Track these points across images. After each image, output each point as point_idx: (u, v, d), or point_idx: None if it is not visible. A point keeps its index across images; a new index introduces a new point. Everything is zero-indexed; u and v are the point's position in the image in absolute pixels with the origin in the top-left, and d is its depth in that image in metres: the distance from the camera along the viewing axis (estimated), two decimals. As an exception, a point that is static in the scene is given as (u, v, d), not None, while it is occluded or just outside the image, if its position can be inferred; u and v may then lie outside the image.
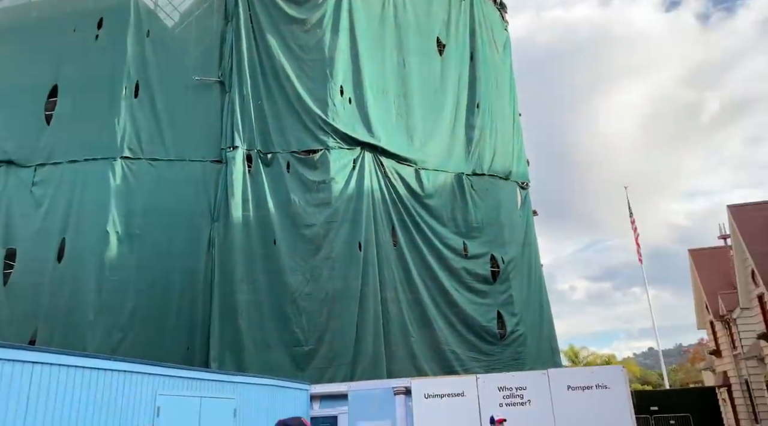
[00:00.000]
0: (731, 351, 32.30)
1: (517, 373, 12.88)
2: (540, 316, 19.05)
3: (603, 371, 12.06)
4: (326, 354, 15.10)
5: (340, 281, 15.68)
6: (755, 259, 26.58)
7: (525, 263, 19.24)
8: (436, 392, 12.68)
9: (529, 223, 20.38)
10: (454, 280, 17.31)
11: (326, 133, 17.03)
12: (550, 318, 19.81)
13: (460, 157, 19.01)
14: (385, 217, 17.11)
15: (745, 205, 28.67)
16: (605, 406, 11.74)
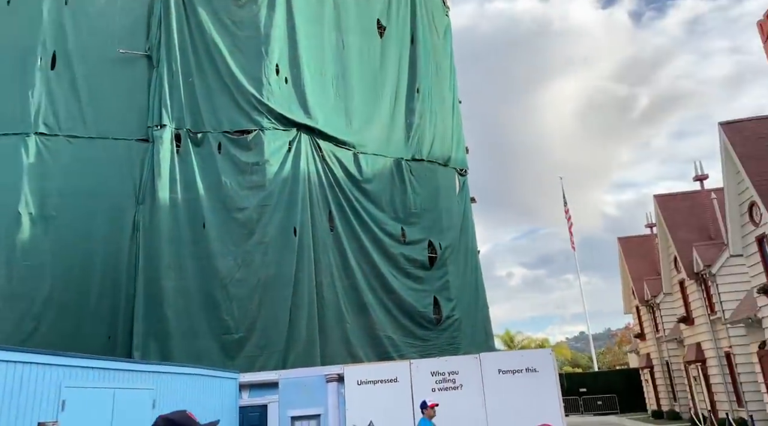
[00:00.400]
0: (654, 334, 34.05)
1: (450, 357, 12.90)
2: (475, 301, 19.25)
3: (532, 355, 12.24)
4: (257, 342, 14.63)
5: (274, 267, 15.19)
6: (677, 246, 27.97)
7: (462, 249, 19.36)
8: (369, 379, 12.51)
9: (467, 210, 20.51)
10: (392, 265, 17.17)
11: (260, 113, 16.38)
12: (485, 303, 20.08)
13: (400, 142, 18.82)
14: (322, 202, 16.71)
15: (670, 195, 30.10)
16: (534, 388, 11.92)
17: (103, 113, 16.28)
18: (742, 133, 21.09)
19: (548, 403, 11.72)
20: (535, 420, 12.32)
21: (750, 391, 23.26)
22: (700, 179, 28.50)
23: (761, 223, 19.83)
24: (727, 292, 24.44)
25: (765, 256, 19.85)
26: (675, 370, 32.06)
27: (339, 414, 12.33)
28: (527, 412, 11.76)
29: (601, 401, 40.75)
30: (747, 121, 21.38)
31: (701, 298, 26.35)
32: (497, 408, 11.90)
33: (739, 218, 21.42)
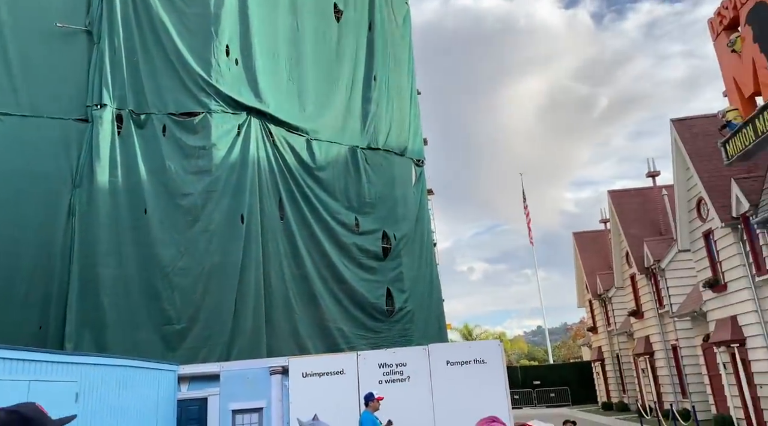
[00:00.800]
0: (606, 328, 34.78)
1: (398, 349, 12.62)
2: (429, 293, 19.06)
3: (481, 346, 12.07)
4: (201, 332, 14.02)
5: (219, 255, 14.58)
6: (629, 241, 28.52)
7: (417, 240, 19.12)
8: (314, 371, 12.11)
9: (423, 201, 20.28)
10: (344, 256, 16.77)
11: (208, 95, 15.66)
12: (440, 295, 19.92)
13: (355, 129, 18.39)
14: (272, 189, 16.14)
15: (623, 191, 30.69)
16: (483, 380, 11.75)
17: (39, 91, 15.27)
18: (692, 130, 21.53)
19: (496, 395, 11.57)
20: (482, 412, 12.17)
21: (694, 383, 23.93)
22: (652, 176, 29.12)
23: (708, 219, 20.29)
24: (675, 287, 25.05)
25: (711, 251, 20.34)
26: (625, 363, 32.83)
27: (282, 407, 11.89)
28: (475, 404, 11.58)
29: (554, 393, 41.49)
30: (697, 119, 21.84)
31: (651, 292, 26.96)
32: (445, 400, 11.68)
33: (687, 214, 21.89)
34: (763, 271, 17.30)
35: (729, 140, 16.13)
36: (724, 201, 19.07)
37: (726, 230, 18.90)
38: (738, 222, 18.38)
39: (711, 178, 19.98)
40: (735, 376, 18.75)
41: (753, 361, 17.96)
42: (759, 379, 17.73)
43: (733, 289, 18.85)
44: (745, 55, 15.61)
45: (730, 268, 18.85)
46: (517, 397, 41.98)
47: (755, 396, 17.93)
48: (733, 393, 19.08)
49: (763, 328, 17.45)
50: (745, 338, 18.31)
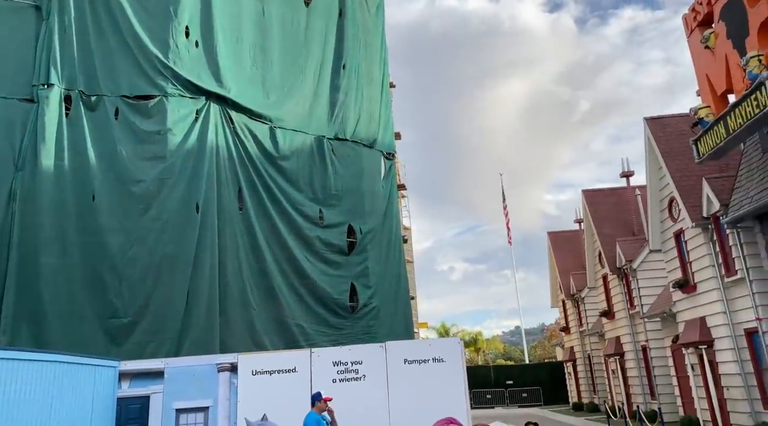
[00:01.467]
0: (578, 328, 34.67)
1: (354, 346, 12.04)
2: (397, 289, 18.52)
3: (440, 344, 11.56)
4: (149, 326, 13.26)
5: (172, 245, 13.83)
6: (602, 241, 28.35)
7: (385, 235, 18.56)
8: (265, 368, 11.47)
9: (392, 195, 19.72)
10: (307, 249, 16.14)
11: (165, 78, 14.88)
12: (407, 292, 19.40)
13: (322, 118, 17.73)
14: (231, 178, 15.43)
15: (597, 190, 30.54)
16: (441, 379, 11.24)
17: (-19, 68, 14.34)
18: (666, 129, 21.34)
19: (454, 395, 11.07)
20: (440, 412, 11.71)
21: (663, 384, 23.81)
22: (626, 175, 28.99)
23: (679, 219, 20.10)
24: (646, 287, 24.90)
25: (682, 251, 20.15)
26: (596, 364, 32.73)
27: (230, 406, 11.23)
28: (432, 404, 11.06)
29: (526, 393, 41.34)
30: (671, 118, 21.66)
31: (622, 292, 26.81)
32: (401, 400, 11.14)
33: (659, 214, 21.70)
34: (732, 272, 17.11)
35: (701, 138, 15.88)
36: (695, 201, 18.88)
37: (696, 230, 18.70)
38: (708, 222, 18.19)
39: (683, 178, 19.79)
40: (702, 377, 18.57)
41: (720, 363, 17.78)
42: (726, 381, 17.55)
43: (702, 290, 18.67)
44: (718, 51, 15.35)
45: (700, 269, 18.66)
46: (490, 396, 41.78)
47: (722, 398, 17.76)
48: (701, 395, 18.91)
49: (731, 330, 17.27)
50: (713, 339, 18.12)
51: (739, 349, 17.03)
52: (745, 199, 15.95)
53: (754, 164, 16.23)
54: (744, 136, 14.70)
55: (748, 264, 16.36)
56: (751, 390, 16.55)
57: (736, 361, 16.96)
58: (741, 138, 14.73)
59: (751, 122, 13.46)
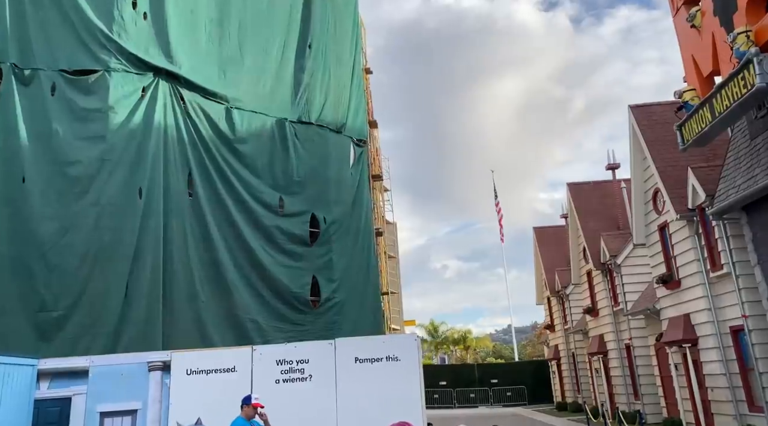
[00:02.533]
0: (563, 325, 33.73)
1: (301, 343, 10.96)
2: (365, 283, 17.45)
3: (395, 341, 10.50)
4: (82, 320, 12.13)
5: (110, 233, 12.68)
6: (586, 236, 27.40)
7: (352, 226, 17.47)
8: (201, 367, 10.39)
9: (363, 184, 18.62)
10: (264, 239, 15.03)
11: (108, 52, 13.69)
12: (377, 286, 18.35)
13: (285, 100, 16.57)
14: (181, 161, 14.27)
15: (582, 183, 29.55)
16: (395, 379, 10.20)
17: None
18: (651, 117, 20.36)
19: (409, 397, 10.03)
20: (393, 416, 10.66)
21: (646, 384, 22.89)
22: (612, 168, 28.03)
23: (664, 211, 19.14)
24: (630, 283, 23.97)
25: (666, 245, 19.20)
26: (580, 362, 31.81)
27: (161, 409, 10.14)
28: (384, 406, 10.02)
29: (510, 392, 40.38)
30: (656, 106, 20.67)
31: (606, 289, 25.87)
32: (351, 402, 10.10)
33: (643, 206, 20.75)
34: (717, 267, 16.16)
35: (685, 123, 14.88)
36: (681, 192, 17.92)
37: (681, 223, 17.75)
38: (694, 214, 17.23)
39: (668, 168, 18.83)
40: (686, 377, 17.64)
41: (705, 363, 16.85)
42: (710, 381, 16.61)
43: (686, 286, 17.72)
44: (704, 29, 14.34)
45: (685, 264, 17.72)
46: (473, 395, 40.81)
47: (706, 399, 16.83)
48: (684, 396, 17.98)
49: (715, 328, 16.32)
50: (697, 338, 17.18)
51: (725, 348, 16.09)
52: (731, 188, 14.99)
53: (741, 152, 15.25)
54: (731, 120, 13.71)
55: (735, 258, 15.41)
56: (737, 391, 15.64)
57: (721, 361, 16.02)
58: (727, 122, 13.74)
59: (738, 104, 12.46)
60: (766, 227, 14.05)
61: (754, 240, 14.54)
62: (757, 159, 14.29)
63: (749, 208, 14.69)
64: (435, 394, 40.83)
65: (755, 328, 14.79)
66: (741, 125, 15.64)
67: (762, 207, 14.12)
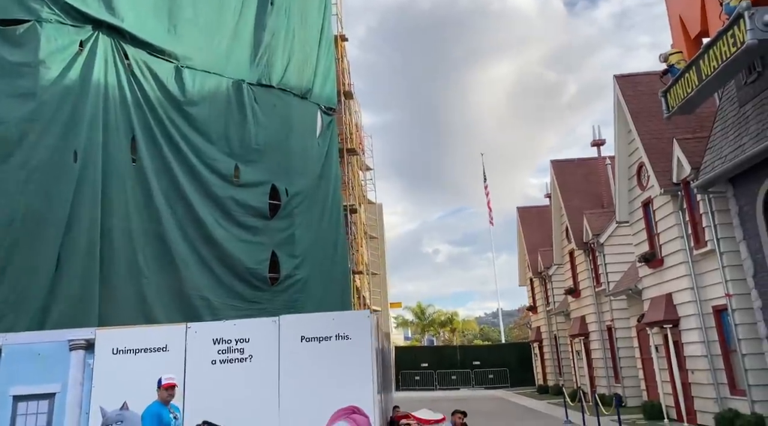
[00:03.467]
0: (545, 307, 33.02)
1: (241, 320, 9.94)
2: (332, 261, 16.42)
3: (346, 318, 9.49)
4: (6, 296, 10.99)
5: (39, 200, 11.49)
6: (569, 214, 26.51)
7: (319, 199, 16.38)
8: (129, 346, 9.34)
9: (331, 155, 17.50)
10: (218, 211, 13.90)
11: (40, 1, 12.35)
12: (346, 264, 17.35)
13: (243, 60, 15.29)
14: (123, 124, 13.04)
15: (566, 161, 28.59)
16: (345, 360, 9.22)
17: None
18: (637, 88, 19.32)
19: (360, 379, 9.06)
20: (342, 400, 9.79)
21: (627, 367, 22.21)
22: (597, 144, 27.05)
23: (648, 187, 18.22)
24: (613, 263, 23.16)
25: (650, 222, 18.33)
26: (562, 345, 31.15)
27: (82, 393, 9.10)
28: (332, 390, 9.08)
29: (492, 375, 39.81)
30: (643, 76, 19.64)
31: (588, 269, 25.07)
32: (295, 385, 9.12)
33: (627, 182, 19.82)
34: (701, 244, 15.30)
35: (670, 88, 13.86)
36: (666, 165, 16.99)
37: (665, 198, 16.85)
38: (678, 189, 16.34)
39: (653, 140, 17.87)
40: (666, 359, 16.88)
41: (686, 344, 16.08)
42: (691, 363, 15.85)
43: (669, 264, 16.89)
44: (693, -15, 13.26)
45: (668, 241, 16.87)
46: (455, 378, 40.21)
47: (686, 382, 16.10)
48: (664, 378, 17.24)
49: (698, 308, 15.52)
50: (678, 318, 16.39)
51: (707, 329, 15.31)
52: (717, 159, 14.06)
53: (729, 121, 14.29)
54: (719, 84, 12.71)
55: (719, 234, 14.55)
56: (718, 373, 14.89)
57: (702, 342, 15.26)
58: (715, 86, 12.74)
59: (727, 64, 11.43)
60: (754, 200, 13.16)
61: (740, 214, 13.65)
62: (745, 127, 13.34)
63: (736, 181, 13.78)
64: (416, 376, 40.24)
65: (739, 307, 13.99)
66: (729, 93, 14.67)
67: (749, 179, 13.21)
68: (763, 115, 12.62)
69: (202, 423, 9.14)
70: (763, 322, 12.74)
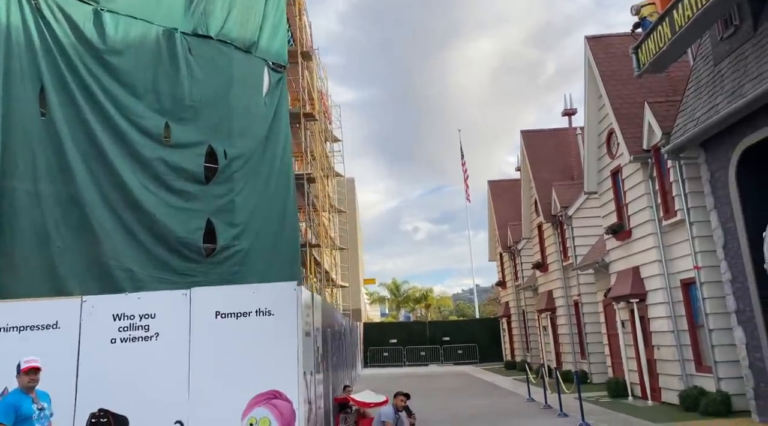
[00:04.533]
0: (514, 282, 32.35)
1: (146, 293, 8.66)
2: (278, 232, 15.16)
3: (268, 291, 8.27)
4: None
5: (-77, 156, 9.99)
6: (538, 186, 25.59)
7: (265, 163, 15.03)
8: (12, 323, 8.05)
9: (280, 117, 16.09)
10: (144, 174, 12.47)
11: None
12: (296, 236, 16.12)
13: (175, 6, 13.65)
14: (30, 72, 11.46)
15: (536, 131, 27.54)
16: (266, 338, 8.05)
17: None
18: (609, 49, 18.18)
19: (284, 360, 7.92)
20: (261, 384, 8.68)
21: (593, 343, 21.59)
22: (568, 114, 26.02)
23: (617, 155, 17.26)
24: (581, 237, 22.36)
25: (618, 192, 17.43)
26: (530, 320, 30.56)
27: (-44, 378, 7.76)
28: (251, 373, 7.95)
29: (461, 350, 39.28)
30: (615, 37, 18.50)
31: (556, 242, 24.27)
32: (208, 368, 7.95)
33: (596, 151, 18.85)
34: (671, 214, 14.43)
35: (642, 43, 12.78)
36: (636, 131, 16.01)
37: (635, 166, 15.93)
38: (648, 156, 15.40)
39: (624, 105, 16.85)
40: (632, 335, 16.15)
41: (652, 319, 15.34)
42: (657, 339, 15.13)
43: (637, 236, 16.04)
44: (669, -72, 12.07)
45: (637, 212, 16.00)
46: (424, 353, 39.60)
47: (651, 358, 15.39)
48: (629, 354, 16.54)
49: (665, 281, 14.73)
50: (645, 292, 15.62)
51: (674, 304, 14.55)
52: (689, 121, 13.07)
53: (703, 81, 13.27)
54: (693, 37, 11.64)
55: (690, 203, 13.68)
56: (684, 349, 14.18)
57: (669, 317, 14.51)
58: (688, 40, 11.67)
59: (702, 11, 10.36)
60: (726, 166, 12.23)
61: (711, 181, 12.74)
62: (720, 86, 12.33)
63: (708, 145, 12.84)
64: (384, 353, 39.55)
65: (707, 280, 13.19)
66: (704, 50, 13.63)
67: (722, 142, 12.26)
68: (738, 72, 11.62)
69: (98, 411, 7.96)
70: (731, 296, 11.94)
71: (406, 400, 9.32)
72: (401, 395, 9.21)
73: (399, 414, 9.03)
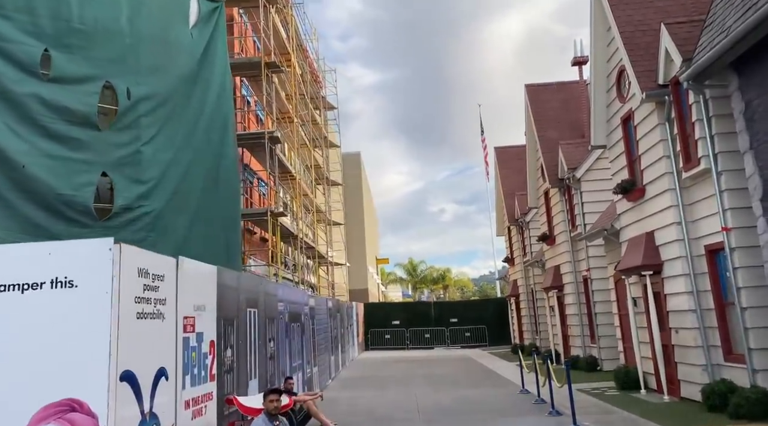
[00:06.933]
0: (522, 258, 29.27)
1: None
2: (210, 191, 12.52)
3: (68, 254, 5.54)
4: None
5: None
6: (544, 147, 22.37)
7: (189, 109, 12.34)
8: None
9: (214, 54, 13.33)
10: (11, 113, 9.94)
11: None
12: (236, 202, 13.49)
13: None
14: None
15: (543, 85, 24.10)
16: (65, 323, 5.40)
17: None
18: (619, -33, 14.91)
19: (89, 352, 5.27)
20: (53, 391, 6.00)
21: (604, 325, 18.58)
22: (578, 63, 22.57)
23: (628, 97, 14.07)
24: (591, 202, 19.20)
25: (630, 142, 14.26)
26: (539, 299, 27.51)
27: None
28: (39, 374, 5.32)
29: (469, 333, 36.44)
30: (627, -47, 15.16)
31: (564, 210, 21.14)
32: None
33: (605, 96, 15.64)
34: (693, 163, 11.29)
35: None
36: (650, 64, 12.79)
37: (649, 106, 12.75)
38: (666, 92, 12.19)
39: (636, 33, 13.59)
40: (646, 315, 13.13)
41: (669, 296, 12.29)
42: (675, 320, 12.10)
43: (651, 194, 12.93)
44: None
45: (651, 164, 12.87)
46: (428, 336, 36.93)
47: (669, 344, 12.38)
48: (643, 338, 13.56)
49: (686, 248, 11.64)
50: (661, 263, 12.55)
51: (696, 276, 11.47)
52: (719, 34, 9.83)
53: (737, -18, 9.96)
54: None
55: (717, 148, 10.53)
56: (709, 333, 11.16)
57: (690, 293, 11.46)
58: None
59: None
60: (766, 92, 9.05)
61: (746, 113, 9.54)
62: (761, -18, 9.08)
63: (742, 66, 9.61)
64: (387, 335, 37.02)
65: (739, 245, 10.08)
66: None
67: (762, 60, 9.06)
68: (789, -47, 8.34)
69: None
70: (773, 264, 8.86)
71: (291, 383, 6.76)
72: (272, 393, 6.55)
73: (277, 419, 6.40)
